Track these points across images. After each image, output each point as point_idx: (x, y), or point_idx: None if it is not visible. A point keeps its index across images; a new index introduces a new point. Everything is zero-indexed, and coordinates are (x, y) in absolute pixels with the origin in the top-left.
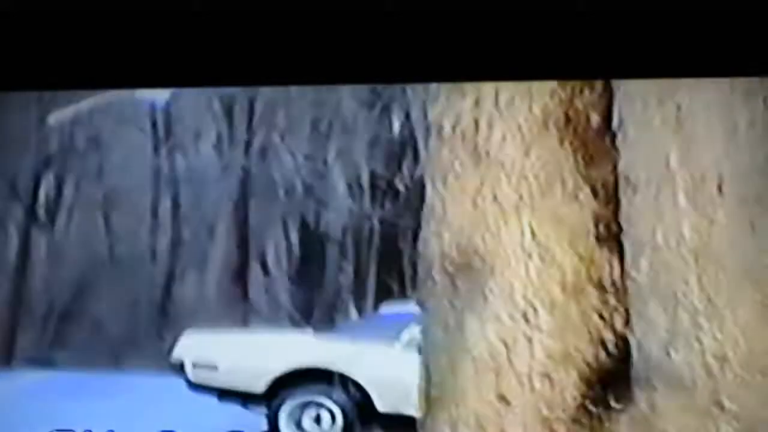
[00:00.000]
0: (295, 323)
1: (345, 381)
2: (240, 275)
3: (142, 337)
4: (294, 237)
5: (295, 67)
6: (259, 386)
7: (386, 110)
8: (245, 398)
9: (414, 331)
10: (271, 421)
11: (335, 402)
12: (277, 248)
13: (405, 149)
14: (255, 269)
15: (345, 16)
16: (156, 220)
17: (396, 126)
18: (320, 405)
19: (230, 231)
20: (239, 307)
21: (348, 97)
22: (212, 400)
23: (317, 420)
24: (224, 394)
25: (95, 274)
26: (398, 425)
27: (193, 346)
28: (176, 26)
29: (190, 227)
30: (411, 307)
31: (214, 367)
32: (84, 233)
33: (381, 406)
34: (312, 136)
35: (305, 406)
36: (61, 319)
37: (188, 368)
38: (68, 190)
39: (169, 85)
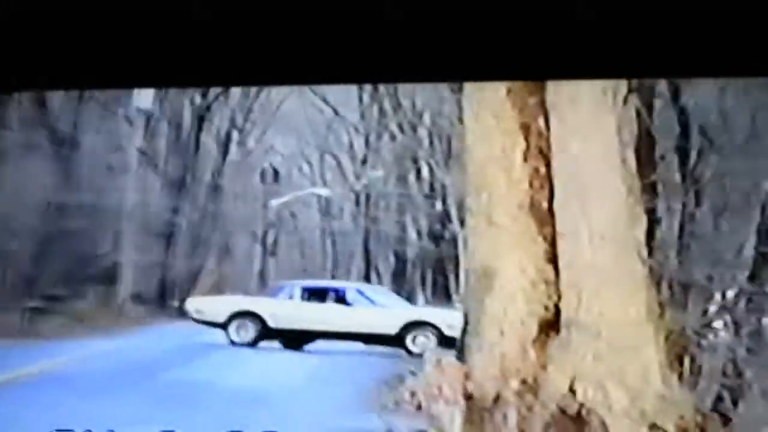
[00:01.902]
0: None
1: (255, 314)
2: (366, 278)
3: None
4: (391, 259)
5: (296, 67)
6: (222, 319)
7: (435, 202)
8: (217, 325)
9: (285, 292)
10: (227, 334)
11: (252, 324)
12: (383, 265)
13: (444, 218)
14: (373, 276)
15: (351, 18)
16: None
17: (439, 207)
18: (246, 325)
19: (360, 260)
20: None
21: (420, 198)
22: None
23: (245, 332)
24: (209, 324)
25: None
26: (284, 335)
27: (192, 303)
28: (179, 30)
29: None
30: (292, 282)
31: (201, 311)
32: None
33: (272, 323)
34: (398, 213)
35: (239, 326)
36: None
37: (190, 313)
38: None
39: (169, 85)
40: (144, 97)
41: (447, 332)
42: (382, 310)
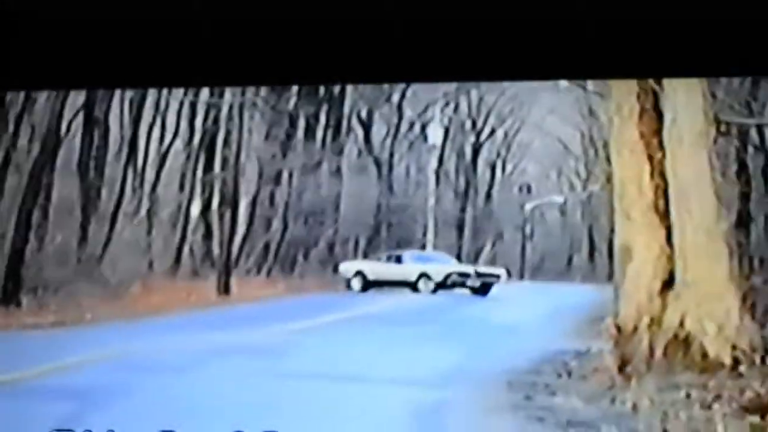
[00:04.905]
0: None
1: (362, 272)
2: (590, 254)
3: None
4: (606, 244)
5: (297, 68)
6: (350, 276)
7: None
8: (348, 279)
9: (380, 258)
10: (351, 284)
11: (362, 277)
12: (602, 245)
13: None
14: (595, 253)
15: (352, 20)
16: None
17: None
18: (360, 278)
19: (587, 242)
20: None
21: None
22: None
23: (358, 283)
24: (346, 279)
25: None
26: (375, 284)
27: (341, 266)
28: (180, 30)
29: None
30: (387, 253)
31: (342, 271)
32: None
33: (371, 277)
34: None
35: (356, 279)
36: None
37: (341, 273)
38: None
39: (170, 85)
40: (435, 134)
41: (436, 279)
42: (410, 266)
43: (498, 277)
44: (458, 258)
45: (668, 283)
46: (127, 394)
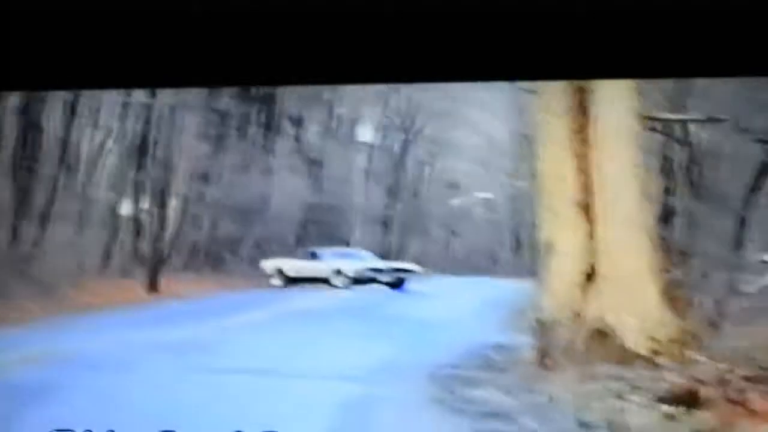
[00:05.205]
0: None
1: (281, 270)
2: (516, 247)
3: None
4: (529, 236)
5: (297, 67)
6: (271, 273)
7: None
8: (269, 276)
9: (301, 255)
10: (273, 281)
11: (282, 275)
12: (526, 240)
13: None
14: (518, 247)
15: (352, 17)
16: None
17: None
18: (280, 275)
19: (510, 237)
20: None
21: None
22: None
23: (278, 280)
24: (268, 276)
25: None
26: (295, 281)
27: (263, 264)
28: (179, 29)
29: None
30: (306, 249)
31: (264, 269)
32: None
33: (290, 274)
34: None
35: (278, 276)
36: None
37: (263, 270)
38: None
39: (170, 85)
40: (365, 133)
41: (351, 275)
42: (326, 262)
43: (412, 272)
44: (386, 254)
45: (590, 277)
46: (59, 392)
